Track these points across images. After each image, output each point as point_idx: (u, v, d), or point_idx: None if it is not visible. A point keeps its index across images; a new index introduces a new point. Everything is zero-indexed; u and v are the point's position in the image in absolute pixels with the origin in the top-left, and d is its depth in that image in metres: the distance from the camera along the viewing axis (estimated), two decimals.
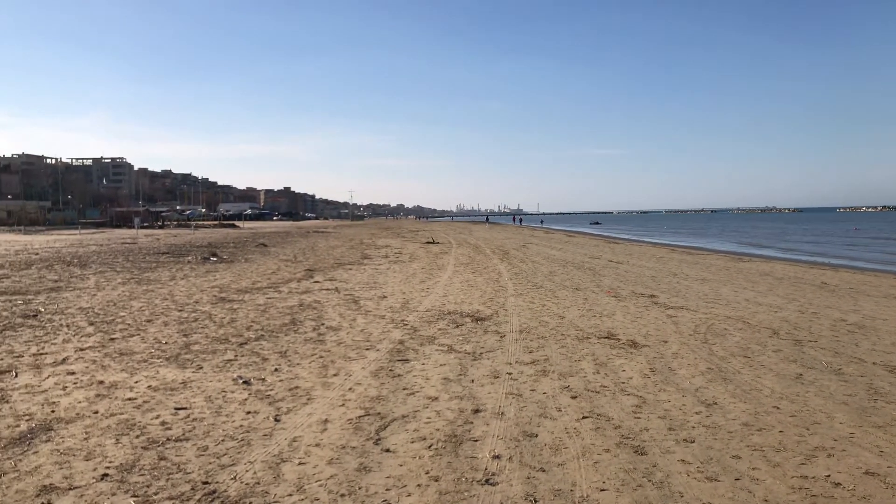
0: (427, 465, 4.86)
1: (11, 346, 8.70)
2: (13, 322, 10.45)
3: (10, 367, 7.59)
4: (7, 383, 6.94)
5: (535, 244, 39.11)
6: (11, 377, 7.18)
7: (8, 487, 4.39)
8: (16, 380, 7.08)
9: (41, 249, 29.24)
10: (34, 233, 55.05)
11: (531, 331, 10.13)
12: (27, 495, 4.28)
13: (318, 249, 32.11)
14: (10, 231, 58.82)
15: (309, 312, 11.83)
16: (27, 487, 4.39)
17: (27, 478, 4.55)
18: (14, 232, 56.29)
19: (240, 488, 4.42)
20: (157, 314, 11.43)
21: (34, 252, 27.24)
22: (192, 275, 18.57)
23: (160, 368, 7.66)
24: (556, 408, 6.26)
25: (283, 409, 6.19)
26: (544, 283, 16.84)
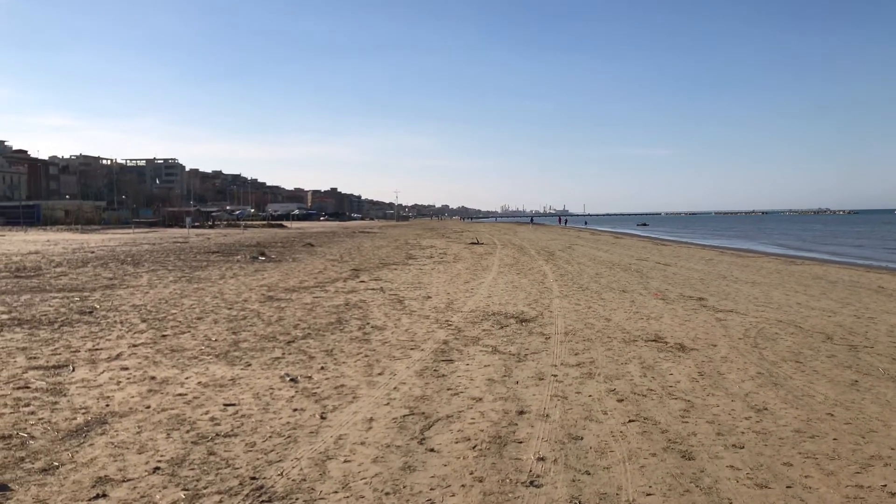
0: (471, 465, 4.86)
1: (69, 342, 8.97)
2: (70, 318, 10.78)
3: (68, 362, 7.83)
4: (65, 377, 7.16)
5: (580, 245, 38.80)
6: (69, 371, 7.41)
7: (66, 478, 4.53)
8: (73, 374, 7.30)
9: (97, 248, 30.11)
10: (90, 231, 56.70)
11: (577, 333, 10.05)
12: (83, 486, 4.40)
13: (364, 249, 32.38)
14: (68, 230, 60.73)
15: (354, 312, 11.94)
16: (83, 478, 4.53)
17: (83, 469, 4.69)
18: (71, 231, 58.09)
19: (286, 484, 4.48)
20: (207, 312, 11.66)
21: (90, 250, 28.07)
22: (242, 274, 18.90)
23: (210, 365, 7.81)
24: (601, 411, 6.20)
25: (329, 406, 6.26)
26: (590, 285, 16.69)
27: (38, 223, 75.37)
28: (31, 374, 7.24)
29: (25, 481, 4.46)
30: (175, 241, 37.27)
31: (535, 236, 55.19)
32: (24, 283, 15.46)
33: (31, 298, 12.94)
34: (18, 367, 7.58)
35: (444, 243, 39.62)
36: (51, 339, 9.15)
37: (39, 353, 8.30)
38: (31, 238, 41.80)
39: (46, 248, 30.15)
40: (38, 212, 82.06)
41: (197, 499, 4.24)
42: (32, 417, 5.80)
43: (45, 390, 6.64)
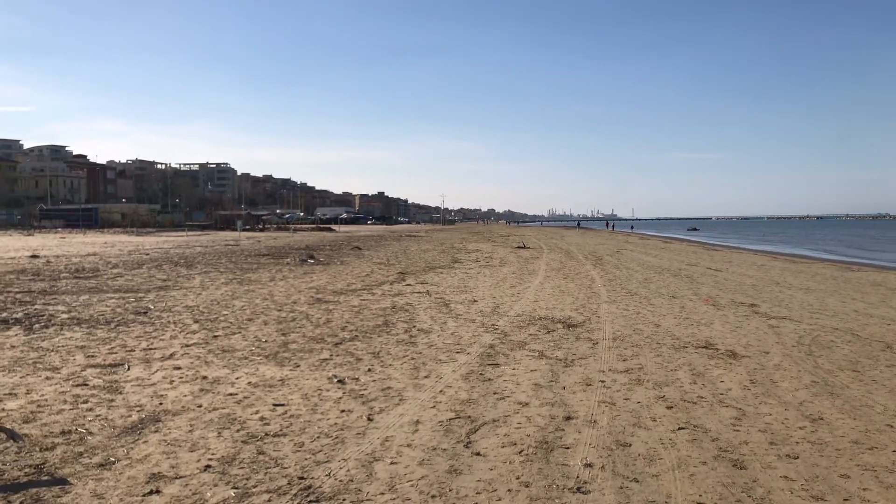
0: (518, 470, 4.84)
1: (124, 341, 9.22)
2: (126, 318, 11.08)
3: (123, 361, 8.05)
4: (120, 375, 7.36)
5: (629, 250, 38.33)
6: (124, 370, 7.62)
7: (121, 473, 4.65)
8: (128, 373, 7.50)
9: (151, 250, 30.89)
10: (145, 234, 58.21)
11: (625, 338, 9.93)
12: (138, 482, 4.52)
13: (410, 253, 32.53)
14: (124, 232, 62.46)
15: (401, 315, 12.00)
16: (138, 474, 4.64)
17: (138, 465, 4.81)
18: (127, 233, 59.73)
19: (334, 485, 4.52)
20: (257, 313, 11.86)
21: (145, 252, 28.81)
22: (291, 276, 19.18)
23: (259, 366, 7.94)
24: (650, 417, 6.11)
25: (376, 408, 6.30)
26: (639, 290, 16.48)
27: (96, 226, 77.72)
28: (89, 372, 7.46)
29: (84, 476, 4.60)
30: (226, 244, 38.01)
31: (583, 240, 54.72)
32: (82, 284, 15.95)
33: (89, 299, 13.34)
34: (77, 364, 7.82)
35: (490, 247, 39.54)
36: (107, 338, 9.42)
37: (97, 351, 8.55)
38: (89, 240, 43.11)
39: (104, 250, 31.07)
40: (96, 215, 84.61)
41: (246, 497, 4.31)
42: (90, 414, 5.98)
43: (102, 388, 6.83)
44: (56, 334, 9.61)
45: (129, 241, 42.68)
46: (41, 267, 20.59)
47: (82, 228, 71.41)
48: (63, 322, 10.58)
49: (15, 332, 9.66)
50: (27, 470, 4.68)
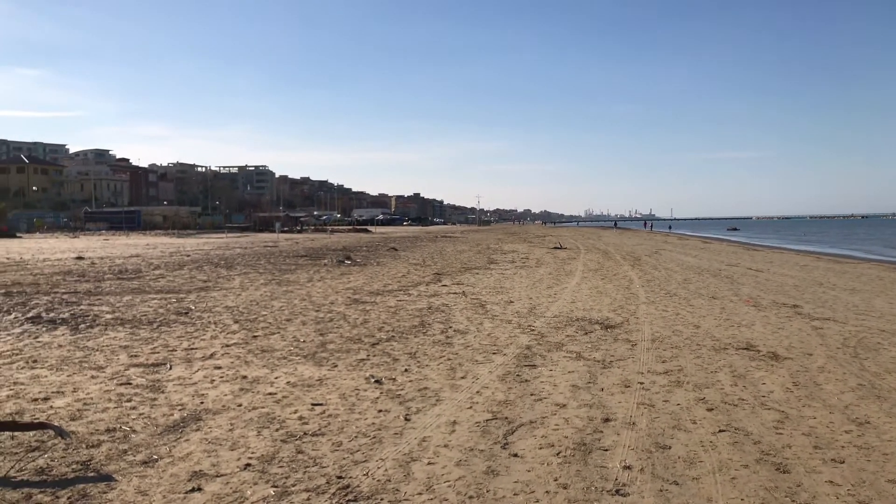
0: (555, 471, 4.81)
1: (166, 341, 9.39)
2: (168, 318, 11.29)
3: (166, 360, 8.20)
4: (163, 375, 7.50)
5: (668, 250, 37.87)
6: (166, 369, 7.76)
7: (164, 471, 4.74)
8: (170, 372, 7.64)
9: (192, 251, 31.41)
10: (186, 236, 59.24)
11: (664, 340, 9.81)
12: (180, 479, 4.60)
13: (446, 254, 32.56)
14: (165, 234, 63.64)
15: (437, 315, 12.02)
16: (180, 472, 4.73)
17: (180, 463, 4.90)
18: (168, 235, 60.84)
19: (372, 484, 4.55)
20: (295, 314, 11.98)
21: (186, 254, 29.31)
22: (328, 277, 19.33)
23: (298, 365, 8.02)
24: (690, 420, 6.03)
25: (413, 409, 6.32)
26: (678, 291, 16.26)
27: (139, 228, 79.33)
28: (133, 371, 7.61)
29: (128, 473, 4.69)
30: (265, 246, 38.48)
31: (620, 241, 54.20)
32: (125, 285, 16.29)
33: (132, 299, 13.61)
34: (121, 364, 7.99)
35: (527, 248, 39.40)
36: (150, 338, 9.61)
37: (140, 351, 8.73)
38: (132, 242, 44.01)
39: (146, 251, 31.68)
40: (139, 217, 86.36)
41: (286, 496, 4.35)
42: (134, 412, 6.10)
43: (145, 387, 6.97)
44: (101, 334, 9.83)
45: (170, 242, 43.47)
46: (86, 268, 21.08)
47: (125, 230, 72.98)
48: (107, 322, 10.81)
49: (62, 332, 9.91)
50: (74, 466, 4.79)
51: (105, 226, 78.79)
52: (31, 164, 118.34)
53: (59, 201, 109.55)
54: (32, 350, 8.70)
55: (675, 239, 63.82)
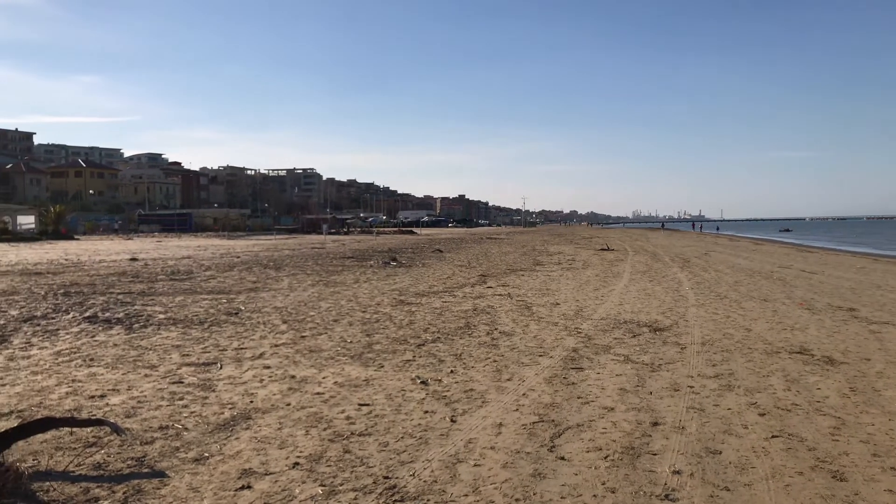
0: (603, 475, 4.76)
1: (217, 341, 9.58)
2: (218, 319, 11.51)
3: (216, 360, 8.37)
4: (213, 374, 7.65)
5: (717, 252, 37.15)
6: (217, 368, 7.91)
7: (215, 468, 4.83)
8: (220, 371, 7.79)
9: (241, 253, 31.97)
10: (235, 238, 60.32)
11: (714, 343, 9.62)
12: (230, 477, 4.68)
13: (491, 255, 32.50)
14: (216, 236, 64.92)
15: (482, 317, 12.00)
16: (230, 470, 4.81)
17: (230, 461, 4.98)
18: (219, 237, 62.04)
19: (418, 485, 4.56)
20: (342, 315, 12.10)
21: (236, 255, 29.84)
22: (374, 278, 19.48)
23: (345, 366, 8.10)
24: (741, 425, 5.90)
25: (459, 410, 6.32)
26: (728, 294, 15.94)
27: (190, 230, 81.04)
28: (185, 371, 7.78)
29: (180, 469, 4.80)
30: (313, 247, 38.96)
31: (669, 242, 53.38)
32: (178, 286, 16.66)
33: (184, 300, 13.92)
34: (173, 363, 8.18)
35: (573, 249, 39.08)
36: (201, 337, 9.81)
37: (191, 350, 8.91)
38: (183, 244, 45.00)
39: (197, 253, 32.36)
40: (191, 219, 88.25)
41: (333, 495, 4.40)
42: (185, 410, 6.24)
43: (196, 385, 7.12)
44: (154, 333, 10.07)
45: (220, 244, 44.31)
46: (140, 269, 21.63)
47: (177, 232, 74.64)
48: (160, 322, 11.07)
49: (117, 332, 10.18)
50: (129, 462, 4.92)
51: (158, 228, 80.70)
52: (87, 168, 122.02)
53: (114, 204, 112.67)
54: (89, 349, 8.96)
55: (726, 240, 62.56)
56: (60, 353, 8.69)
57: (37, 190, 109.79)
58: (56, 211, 61.11)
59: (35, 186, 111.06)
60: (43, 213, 62.42)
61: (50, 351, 8.79)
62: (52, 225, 58.58)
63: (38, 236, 54.07)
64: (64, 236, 55.40)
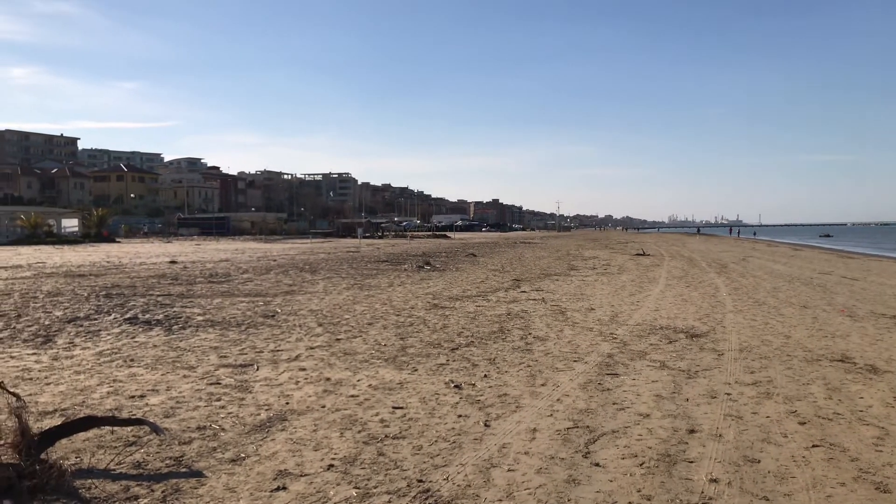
0: (638, 482, 4.71)
1: (254, 343, 9.70)
2: (255, 321, 11.65)
3: (253, 361, 8.47)
4: (250, 375, 7.74)
5: (756, 257, 36.54)
6: (254, 370, 8.01)
7: (251, 469, 4.89)
8: (257, 373, 7.88)
9: (278, 256, 32.33)
10: (272, 241, 61.04)
11: (752, 350, 9.47)
12: (266, 478, 4.74)
13: (525, 260, 32.39)
14: (253, 239, 65.79)
15: (516, 322, 11.97)
16: (266, 470, 4.87)
17: (266, 462, 5.04)
18: (256, 240, 62.87)
19: (452, 489, 4.56)
20: (377, 318, 12.16)
21: (272, 259, 30.18)
22: (408, 282, 19.54)
23: (379, 369, 8.14)
24: (781, 433, 5.79)
25: (493, 414, 6.31)
26: (767, 300, 15.67)
27: (228, 233, 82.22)
28: (222, 372, 7.90)
29: (217, 469, 4.87)
30: (348, 251, 39.22)
31: (705, 247, 52.67)
32: (216, 288, 16.90)
33: (221, 302, 14.12)
34: (211, 364, 8.30)
35: (608, 254, 38.77)
36: (238, 339, 9.94)
37: (229, 352, 9.04)
38: (221, 247, 45.65)
39: (235, 256, 32.80)
40: (228, 223, 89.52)
41: (367, 497, 4.42)
42: (223, 411, 6.33)
43: (233, 387, 7.22)
44: (192, 335, 10.23)
45: (257, 247, 44.85)
46: (179, 272, 21.99)
47: (215, 236, 75.80)
48: (198, 324, 11.25)
49: (157, 333, 10.37)
50: (168, 461, 5.00)
51: (196, 231, 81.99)
52: (129, 173, 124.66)
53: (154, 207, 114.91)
54: (130, 349, 9.14)
55: (764, 246, 61.51)
56: (102, 353, 8.88)
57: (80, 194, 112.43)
58: (98, 214, 62.55)
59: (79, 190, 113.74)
60: (86, 217, 63.93)
61: (92, 351, 8.99)
62: (95, 228, 60.00)
63: (81, 239, 55.42)
64: (106, 239, 56.65)
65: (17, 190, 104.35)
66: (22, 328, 10.50)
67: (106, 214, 64.02)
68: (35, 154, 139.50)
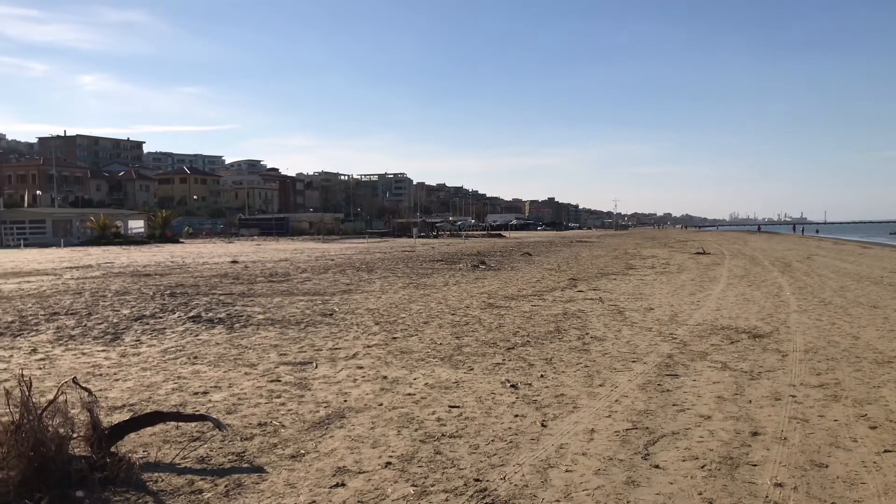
0: (700, 485, 4.61)
1: (313, 341, 9.85)
2: (314, 319, 11.84)
3: (312, 359, 8.61)
4: (309, 373, 7.87)
5: (821, 256, 35.38)
6: (313, 368, 8.14)
7: (310, 465, 4.97)
8: (316, 370, 8.00)
9: (335, 256, 32.77)
10: (330, 241, 61.91)
11: (818, 351, 9.17)
12: (325, 474, 4.81)
13: (581, 259, 32.07)
14: (311, 239, 66.86)
15: (573, 321, 11.86)
16: (325, 467, 4.94)
17: (325, 458, 5.12)
18: (314, 240, 63.87)
19: (509, 489, 4.55)
20: (432, 317, 12.22)
21: (330, 258, 30.61)
22: (463, 281, 19.57)
23: (436, 367, 8.17)
24: (850, 437, 5.60)
25: (550, 415, 6.26)
26: (833, 299, 15.16)
27: (287, 234, 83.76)
28: (282, 369, 8.05)
29: (278, 465, 4.96)
30: (403, 251, 39.50)
31: (768, 245, 51.24)
32: (276, 287, 17.23)
33: (281, 301, 14.38)
34: (272, 362, 8.47)
35: (667, 253, 38.08)
36: (297, 337, 10.11)
37: (288, 350, 9.21)
38: (280, 247, 46.52)
39: (293, 255, 33.38)
40: (287, 224, 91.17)
41: (424, 495, 4.44)
42: (283, 408, 6.44)
43: (293, 384, 7.34)
44: (253, 333, 10.46)
45: (316, 247, 45.55)
46: (240, 271, 22.49)
47: (275, 236, 77.35)
48: (259, 322, 11.49)
49: (219, 331, 10.63)
50: (230, 457, 5.12)
51: (257, 231, 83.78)
52: (192, 175, 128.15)
53: (216, 209, 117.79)
54: (193, 347, 9.40)
55: (830, 244, 59.44)
56: (167, 350, 9.15)
57: (146, 196, 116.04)
58: (163, 216, 64.44)
59: (144, 192, 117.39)
60: (151, 218, 65.97)
61: (157, 348, 9.28)
62: (160, 229, 61.85)
63: (146, 240, 57.22)
64: (170, 240, 58.35)
65: (87, 192, 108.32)
66: (92, 325, 10.90)
67: (170, 216, 65.96)
68: (103, 158, 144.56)
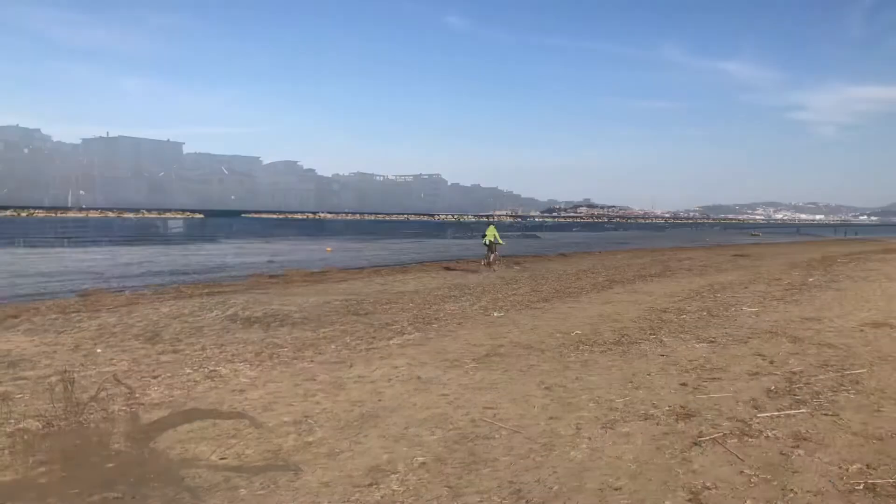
0: (740, 491, 4.52)
1: (347, 340, 9.90)
2: (349, 319, 11.89)
3: (347, 359, 8.65)
4: (344, 373, 7.90)
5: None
6: (348, 367, 8.17)
7: (345, 464, 4.99)
8: (351, 370, 8.04)
9: (371, 256, 32.92)
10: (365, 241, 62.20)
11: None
12: (359, 473, 4.82)
13: (618, 260, 31.71)
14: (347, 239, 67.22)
15: (609, 324, 11.73)
16: (359, 466, 4.95)
17: (359, 458, 5.13)
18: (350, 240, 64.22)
19: (543, 491, 4.51)
20: (466, 318, 12.18)
21: (365, 258, 30.77)
22: (498, 282, 19.49)
23: (469, 368, 8.15)
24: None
25: (585, 417, 6.20)
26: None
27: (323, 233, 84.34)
28: (317, 368, 8.09)
29: (312, 464, 4.99)
30: (437, 251, 39.50)
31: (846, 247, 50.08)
32: (311, 287, 17.36)
33: (317, 300, 14.48)
34: (307, 360, 8.52)
35: (704, 254, 37.47)
36: (333, 336, 10.17)
37: (324, 349, 9.26)
38: (316, 246, 46.86)
39: (329, 255, 33.63)
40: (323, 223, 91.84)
41: (458, 496, 4.43)
42: (318, 407, 6.48)
43: (328, 383, 7.38)
44: (289, 332, 10.54)
45: (351, 247, 45.81)
46: (276, 270, 22.72)
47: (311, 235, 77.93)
48: (295, 321, 11.58)
49: (256, 330, 10.74)
50: (265, 455, 5.17)
51: (294, 231, 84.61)
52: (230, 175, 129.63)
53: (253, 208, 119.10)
54: (230, 345, 9.51)
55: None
56: (205, 348, 9.27)
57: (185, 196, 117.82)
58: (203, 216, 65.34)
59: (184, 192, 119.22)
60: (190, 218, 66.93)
61: (196, 346, 9.40)
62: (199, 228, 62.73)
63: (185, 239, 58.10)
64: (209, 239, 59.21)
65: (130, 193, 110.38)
66: (132, 323, 11.10)
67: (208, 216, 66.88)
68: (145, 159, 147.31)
